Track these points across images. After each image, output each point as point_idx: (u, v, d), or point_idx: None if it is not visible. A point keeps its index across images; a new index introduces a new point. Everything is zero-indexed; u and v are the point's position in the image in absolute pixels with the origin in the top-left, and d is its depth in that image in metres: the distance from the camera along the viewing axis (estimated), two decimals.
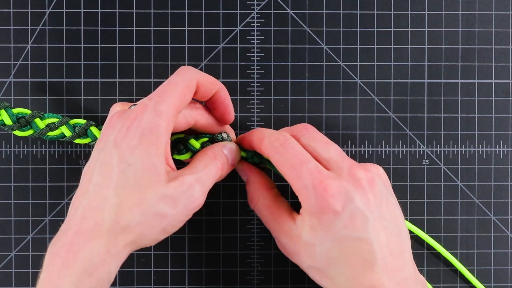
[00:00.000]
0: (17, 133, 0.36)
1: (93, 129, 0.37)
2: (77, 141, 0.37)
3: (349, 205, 0.31)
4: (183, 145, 0.35)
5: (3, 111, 0.36)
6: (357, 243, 0.31)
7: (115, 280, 0.39)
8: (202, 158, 0.33)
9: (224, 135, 0.36)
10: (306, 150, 0.33)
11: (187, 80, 0.32)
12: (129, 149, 0.30)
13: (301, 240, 0.32)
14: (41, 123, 0.36)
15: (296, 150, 0.33)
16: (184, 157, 0.36)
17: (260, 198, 0.35)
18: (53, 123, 0.36)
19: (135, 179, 0.30)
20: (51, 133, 0.37)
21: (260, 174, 0.37)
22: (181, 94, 0.32)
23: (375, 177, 0.33)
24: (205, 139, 0.36)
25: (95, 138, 0.37)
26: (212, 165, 0.33)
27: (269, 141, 0.33)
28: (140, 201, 0.30)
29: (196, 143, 0.35)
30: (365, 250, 0.31)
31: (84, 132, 0.37)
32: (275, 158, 0.33)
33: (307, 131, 0.35)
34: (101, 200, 0.29)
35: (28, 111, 0.36)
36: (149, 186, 0.30)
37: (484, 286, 0.40)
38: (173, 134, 0.35)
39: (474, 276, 0.40)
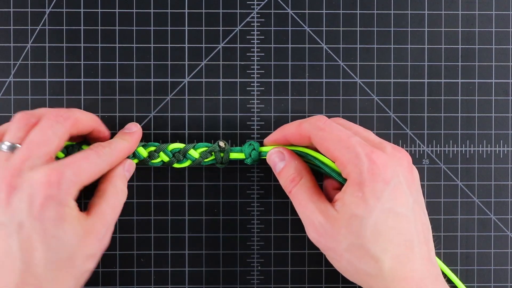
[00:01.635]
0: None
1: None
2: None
3: (394, 178, 0.32)
4: (183, 155, 0.38)
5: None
6: (400, 220, 0.31)
7: (115, 280, 0.39)
8: (108, 197, 0.34)
9: (222, 144, 0.38)
10: None
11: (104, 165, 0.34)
12: (50, 221, 0.30)
13: (344, 215, 0.32)
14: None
15: (340, 127, 0.34)
16: (184, 165, 0.38)
17: (303, 178, 0.35)
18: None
19: (64, 251, 0.31)
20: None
21: (299, 157, 0.36)
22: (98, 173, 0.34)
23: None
24: (205, 149, 0.38)
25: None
26: (118, 204, 0.35)
27: (310, 123, 0.34)
28: (72, 269, 0.31)
29: (195, 153, 0.38)
30: (405, 229, 0.31)
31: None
32: (319, 135, 0.34)
33: (342, 120, 0.36)
34: (35, 278, 0.30)
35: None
36: (76, 253, 0.31)
37: (483, 286, 0.40)
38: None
39: (474, 275, 0.40)
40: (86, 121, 0.36)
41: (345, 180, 0.33)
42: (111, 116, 0.39)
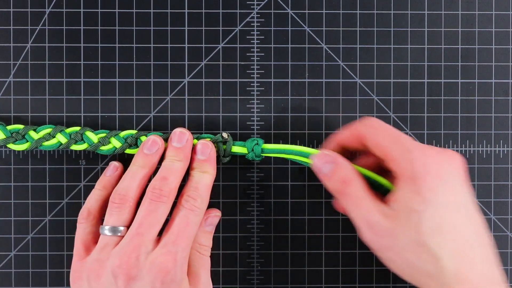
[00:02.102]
0: (13, 146, 0.37)
1: (89, 134, 0.37)
2: (73, 147, 0.38)
3: (448, 174, 0.32)
4: None
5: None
6: (457, 216, 0.31)
7: None
8: (201, 267, 0.36)
9: (225, 135, 0.37)
10: None
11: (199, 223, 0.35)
12: None
13: (402, 212, 0.31)
14: (36, 135, 0.37)
15: (391, 126, 0.35)
16: None
17: (356, 179, 0.34)
18: (48, 133, 0.37)
19: None
20: (47, 143, 0.37)
21: (347, 160, 0.36)
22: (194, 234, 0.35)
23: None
24: (207, 139, 0.38)
25: (91, 143, 0.37)
26: (208, 266, 0.37)
27: (362, 123, 0.35)
28: None
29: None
30: (463, 226, 0.31)
31: (80, 138, 0.37)
32: (372, 132, 0.34)
33: None
34: None
35: (21, 126, 0.38)
36: None
37: None
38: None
39: None
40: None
41: (391, 188, 0.33)
42: (111, 116, 0.39)
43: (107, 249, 0.33)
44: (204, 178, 0.36)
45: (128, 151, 0.38)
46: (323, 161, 0.35)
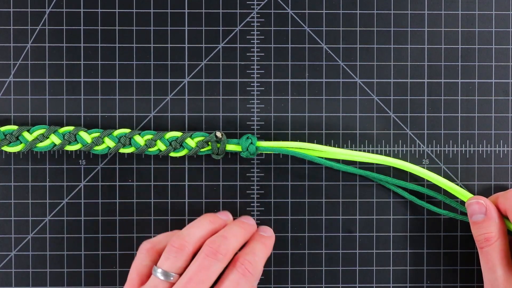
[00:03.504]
0: (7, 149, 0.37)
1: (82, 134, 0.37)
2: (68, 147, 0.38)
3: None
4: (180, 144, 0.38)
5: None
6: None
7: (115, 279, 0.39)
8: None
9: (219, 134, 0.38)
10: None
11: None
12: None
13: None
14: (29, 136, 0.37)
15: None
16: (181, 153, 0.38)
17: (499, 239, 0.35)
18: (42, 134, 0.37)
19: None
20: (40, 144, 0.37)
21: (500, 215, 0.36)
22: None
23: None
24: (201, 138, 0.38)
25: (85, 143, 0.37)
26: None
27: (505, 197, 0.36)
28: None
29: (192, 142, 0.38)
30: None
31: (74, 138, 0.37)
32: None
33: None
34: None
35: (15, 127, 0.37)
36: None
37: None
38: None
39: (474, 276, 0.40)
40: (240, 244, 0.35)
41: None
42: (111, 116, 0.39)
43: None
44: (263, 249, 0.36)
45: (122, 150, 0.38)
46: (478, 211, 0.36)
